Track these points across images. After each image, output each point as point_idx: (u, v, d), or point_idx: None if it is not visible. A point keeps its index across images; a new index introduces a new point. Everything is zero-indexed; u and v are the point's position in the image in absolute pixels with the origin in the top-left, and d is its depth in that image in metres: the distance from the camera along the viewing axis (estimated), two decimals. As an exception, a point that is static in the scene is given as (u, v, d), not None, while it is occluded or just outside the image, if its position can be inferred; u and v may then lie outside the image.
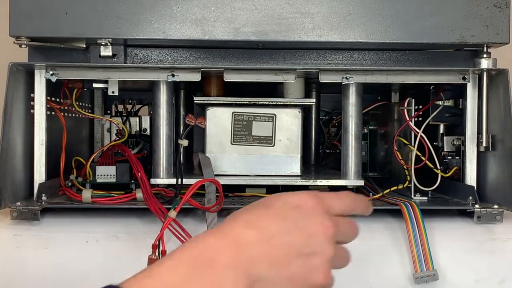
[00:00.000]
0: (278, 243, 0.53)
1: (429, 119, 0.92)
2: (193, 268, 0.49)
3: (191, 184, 0.77)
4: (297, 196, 0.56)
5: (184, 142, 0.85)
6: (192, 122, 0.86)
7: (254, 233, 0.52)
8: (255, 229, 0.53)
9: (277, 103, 0.93)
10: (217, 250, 0.51)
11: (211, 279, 0.49)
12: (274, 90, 1.05)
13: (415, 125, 0.90)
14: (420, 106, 0.96)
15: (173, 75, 0.84)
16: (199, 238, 0.52)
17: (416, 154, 0.89)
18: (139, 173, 0.85)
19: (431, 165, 0.90)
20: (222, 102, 0.92)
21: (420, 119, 0.99)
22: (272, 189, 0.91)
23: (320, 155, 1.24)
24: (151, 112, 1.09)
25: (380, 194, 0.88)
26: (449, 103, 0.93)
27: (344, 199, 0.58)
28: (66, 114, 0.98)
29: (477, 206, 0.80)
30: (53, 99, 0.90)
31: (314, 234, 0.54)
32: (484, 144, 0.83)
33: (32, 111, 0.85)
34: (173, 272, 0.49)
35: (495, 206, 0.80)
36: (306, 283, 0.54)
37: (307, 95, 1.04)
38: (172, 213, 0.72)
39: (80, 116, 1.05)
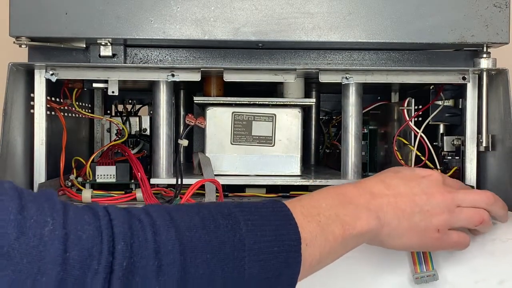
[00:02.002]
0: (404, 199, 0.64)
1: (429, 119, 0.92)
2: (338, 201, 0.61)
3: (191, 184, 0.77)
4: (425, 170, 0.68)
5: (184, 142, 0.85)
6: (192, 122, 0.86)
7: (384, 188, 0.64)
8: (386, 185, 0.64)
9: (277, 103, 0.93)
10: (355, 194, 0.62)
11: (352, 211, 0.60)
12: (274, 90, 1.05)
13: (415, 125, 0.90)
14: (420, 106, 0.96)
15: (173, 75, 0.84)
16: (340, 186, 0.64)
17: (416, 154, 0.89)
18: (139, 173, 0.85)
19: (431, 165, 0.90)
20: (222, 102, 0.92)
21: (420, 119, 0.99)
22: (272, 189, 0.91)
23: (320, 155, 1.24)
24: (151, 112, 1.09)
25: (380, 194, 0.88)
26: (449, 103, 0.93)
27: (471, 191, 0.71)
28: (66, 114, 0.98)
29: (477, 206, 0.80)
30: (53, 99, 0.91)
31: (433, 196, 0.65)
32: (484, 144, 0.83)
33: (32, 111, 0.85)
34: (324, 198, 0.61)
35: (495, 206, 0.80)
36: (424, 234, 0.65)
37: (307, 95, 1.04)
38: (172, 213, 0.72)
39: (80, 116, 1.05)
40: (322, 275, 0.75)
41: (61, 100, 0.93)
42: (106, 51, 0.85)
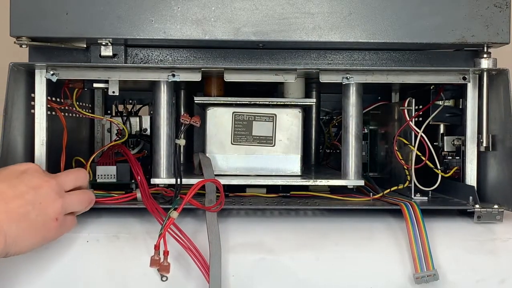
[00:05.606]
0: (15, 202, 0.63)
1: (429, 119, 0.92)
2: None
3: (191, 184, 0.77)
4: (20, 165, 0.68)
5: (181, 142, 0.85)
6: (186, 121, 0.85)
7: None
8: None
9: (278, 103, 0.93)
10: None
11: None
12: (274, 90, 1.05)
13: (415, 125, 0.90)
14: (420, 106, 0.96)
15: (173, 75, 0.84)
16: None
17: (416, 154, 0.89)
18: (138, 177, 0.84)
19: (431, 165, 0.90)
20: (222, 102, 0.92)
21: (420, 119, 0.99)
22: (273, 189, 0.91)
23: (320, 155, 1.24)
24: (152, 112, 1.09)
25: (381, 194, 0.88)
26: (449, 103, 0.93)
27: (67, 171, 0.74)
28: (66, 114, 0.98)
29: (477, 206, 0.80)
30: (53, 99, 0.91)
31: (40, 187, 0.66)
32: (484, 144, 0.83)
33: (32, 111, 0.85)
34: None
35: (495, 206, 0.80)
36: (44, 228, 0.66)
37: (308, 95, 1.04)
38: (174, 214, 0.72)
39: (81, 116, 1.05)
40: (322, 275, 0.75)
41: (62, 100, 0.93)
42: (106, 51, 0.85)
